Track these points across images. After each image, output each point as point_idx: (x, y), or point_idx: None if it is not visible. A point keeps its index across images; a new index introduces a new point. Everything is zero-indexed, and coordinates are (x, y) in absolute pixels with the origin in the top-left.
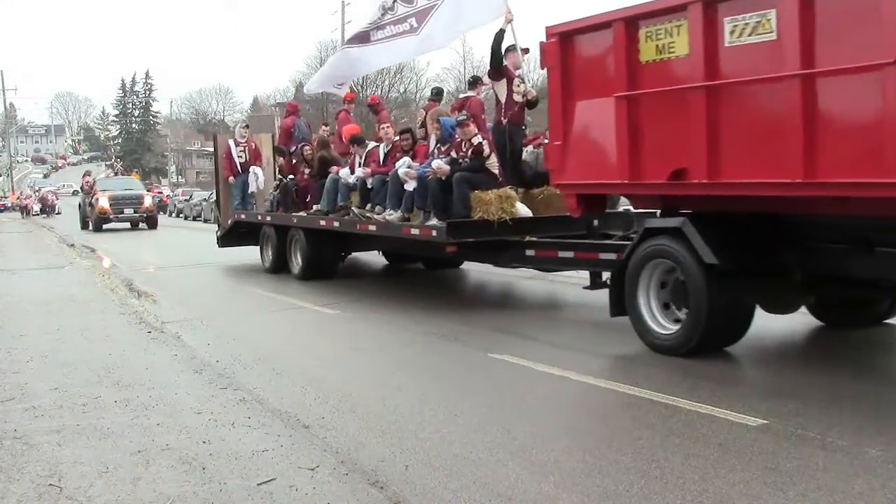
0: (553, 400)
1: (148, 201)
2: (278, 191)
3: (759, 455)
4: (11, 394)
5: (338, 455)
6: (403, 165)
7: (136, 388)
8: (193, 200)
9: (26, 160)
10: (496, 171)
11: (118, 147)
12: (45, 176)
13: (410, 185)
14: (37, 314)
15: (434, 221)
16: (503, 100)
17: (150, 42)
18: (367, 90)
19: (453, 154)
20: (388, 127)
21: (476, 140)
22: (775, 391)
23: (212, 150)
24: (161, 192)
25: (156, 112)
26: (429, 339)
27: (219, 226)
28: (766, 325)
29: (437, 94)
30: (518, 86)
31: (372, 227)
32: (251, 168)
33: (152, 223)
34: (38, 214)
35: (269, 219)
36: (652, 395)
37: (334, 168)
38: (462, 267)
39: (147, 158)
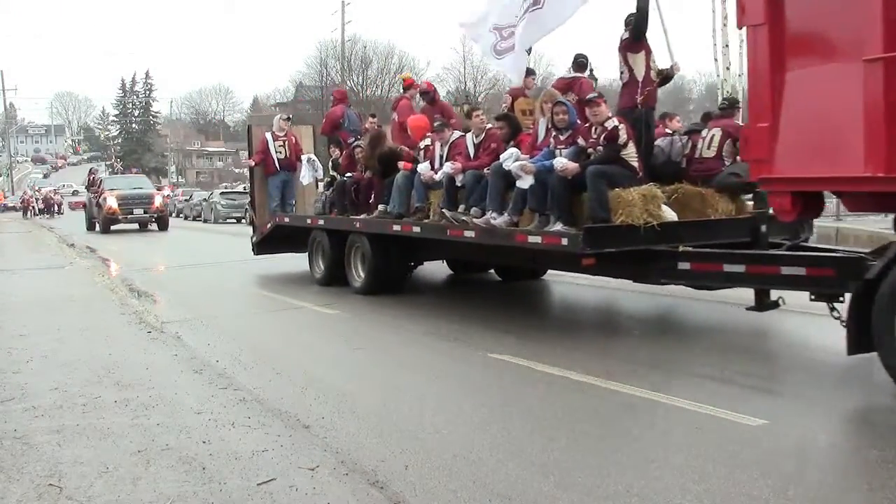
0: (553, 400)
1: (158, 201)
2: (332, 190)
3: (759, 455)
4: (11, 394)
5: (338, 455)
6: (511, 158)
7: (136, 388)
8: (193, 200)
9: (26, 160)
10: (634, 163)
11: (118, 147)
12: (45, 176)
13: (525, 182)
14: (37, 314)
15: (559, 227)
16: (640, 77)
17: (151, 42)
18: (366, 90)
19: (580, 142)
20: (481, 113)
21: (610, 124)
22: (775, 391)
23: (212, 150)
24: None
25: (156, 112)
26: (429, 339)
27: (254, 230)
28: (766, 325)
29: (528, 74)
30: (653, 60)
31: (469, 234)
32: (305, 155)
33: (163, 224)
34: (39, 214)
35: (321, 223)
36: (652, 395)
37: (403, 164)
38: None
39: (147, 158)
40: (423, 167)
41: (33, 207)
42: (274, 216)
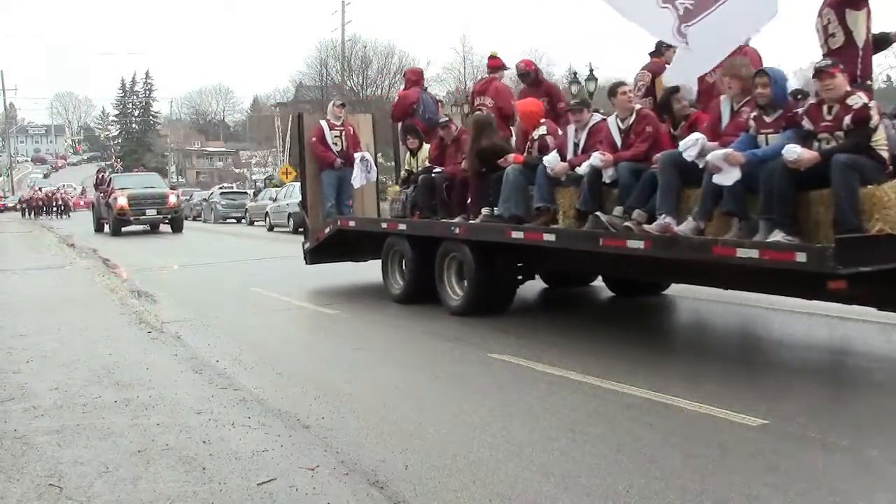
0: (553, 400)
1: (173, 200)
2: (412, 188)
3: (759, 455)
4: (11, 394)
5: (338, 455)
6: (695, 146)
7: (136, 388)
8: (193, 200)
9: (26, 160)
10: (884, 153)
11: (118, 147)
12: (46, 176)
13: (730, 178)
14: (37, 314)
15: (779, 236)
16: (860, 41)
17: (151, 42)
18: (366, 90)
19: (805, 124)
20: (628, 90)
21: (856, 101)
22: (775, 391)
23: (212, 150)
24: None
25: (156, 112)
26: (429, 339)
27: (305, 235)
28: (766, 325)
29: (669, 46)
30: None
31: (635, 244)
32: (359, 154)
33: (178, 225)
34: (42, 214)
35: (402, 227)
36: (652, 395)
37: (514, 156)
38: None
39: (147, 158)
40: (551, 159)
41: (37, 207)
42: (334, 219)
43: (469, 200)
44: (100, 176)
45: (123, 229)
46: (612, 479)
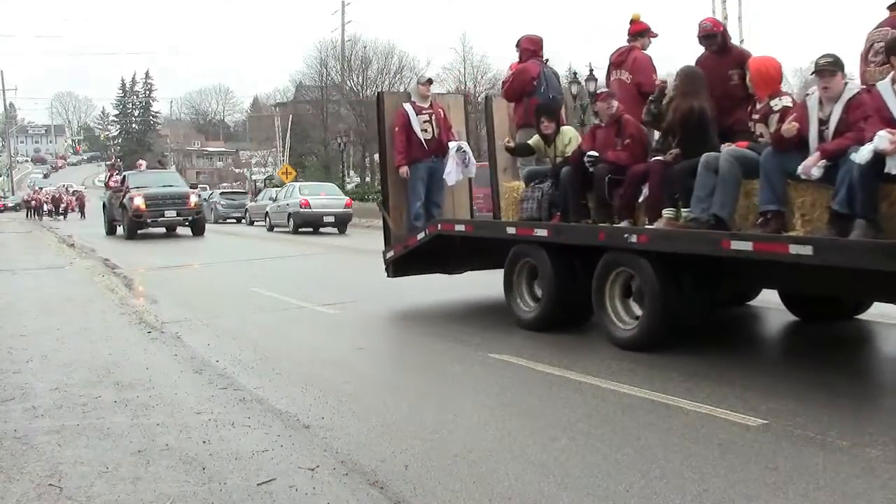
0: (553, 400)
1: (194, 200)
2: (550, 183)
3: (759, 455)
4: (11, 394)
5: (338, 455)
6: None
7: (136, 388)
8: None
9: (26, 160)
10: None
11: (118, 147)
12: (46, 176)
13: None
14: (37, 314)
15: None
16: None
17: (151, 42)
18: (366, 89)
19: None
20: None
21: None
22: (775, 391)
23: (212, 150)
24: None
25: (156, 112)
26: (429, 339)
27: (386, 241)
28: (765, 324)
29: None
30: None
31: None
32: (454, 143)
33: (199, 228)
34: (48, 215)
35: (541, 233)
36: (652, 395)
37: (738, 143)
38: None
39: (147, 158)
40: (864, 154)
41: (42, 207)
42: (433, 223)
43: (643, 197)
44: (112, 173)
45: (139, 232)
46: (612, 479)
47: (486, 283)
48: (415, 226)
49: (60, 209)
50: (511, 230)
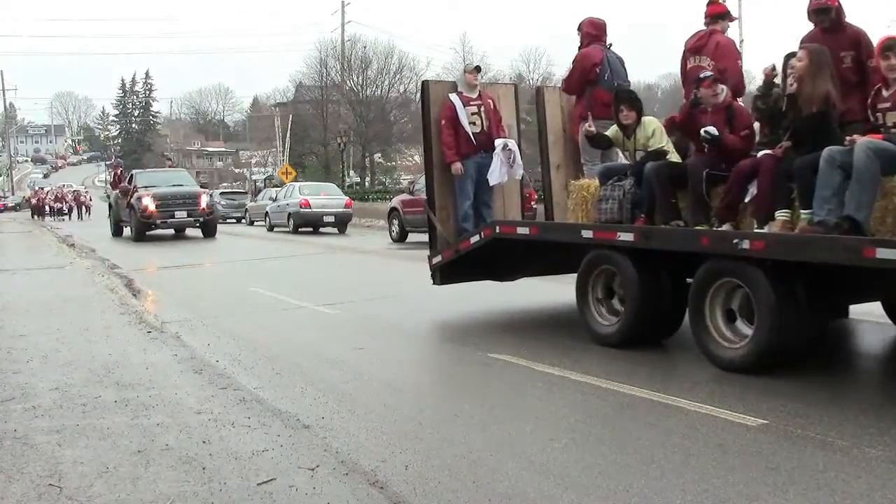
0: (553, 400)
1: (205, 201)
2: (631, 181)
3: (759, 455)
4: (11, 394)
5: (338, 455)
6: None
7: (136, 388)
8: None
9: (26, 160)
10: None
11: (118, 147)
12: (45, 176)
13: None
14: (37, 314)
15: None
16: None
17: (151, 42)
18: (366, 89)
19: None
20: None
21: None
22: (775, 391)
23: (212, 150)
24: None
25: (156, 112)
26: (429, 339)
27: (432, 245)
28: None
29: None
30: None
31: None
32: (500, 140)
33: (210, 229)
34: (49, 215)
35: (627, 237)
36: (652, 395)
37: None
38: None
39: (147, 158)
40: None
41: (45, 208)
42: (490, 225)
43: (749, 197)
44: (118, 172)
45: (148, 233)
46: (612, 479)
47: (486, 283)
48: (463, 228)
49: (65, 209)
50: (587, 234)
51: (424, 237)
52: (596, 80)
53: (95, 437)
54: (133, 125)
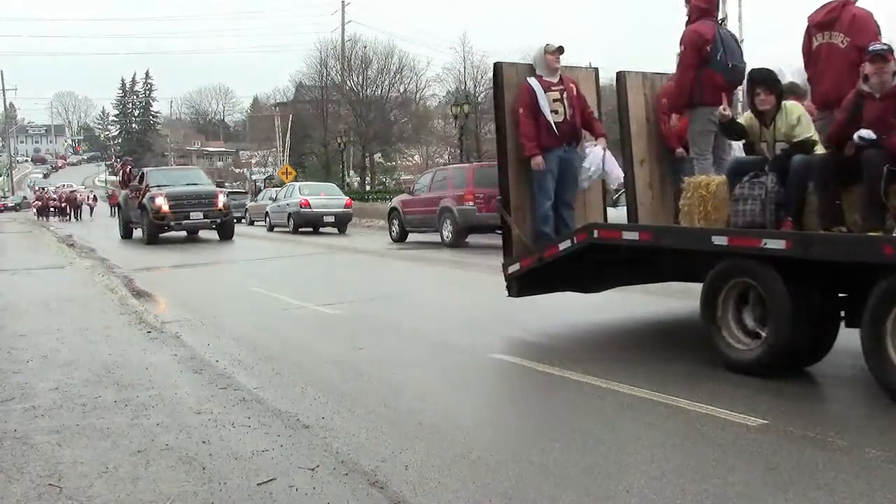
0: (553, 400)
1: (222, 200)
2: (774, 177)
3: (759, 455)
4: (11, 394)
5: (338, 455)
6: None
7: (136, 388)
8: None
9: (26, 160)
10: None
11: (118, 147)
12: (45, 176)
13: None
14: (37, 314)
15: None
16: None
17: (151, 42)
18: (366, 89)
19: None
20: None
21: None
22: (775, 391)
23: (212, 149)
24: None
25: (156, 112)
26: (429, 339)
27: (507, 252)
28: None
29: None
30: None
31: None
32: (591, 145)
33: (227, 231)
34: (55, 215)
35: (776, 244)
36: (652, 395)
37: None
38: (461, 266)
39: (147, 158)
40: None
41: (49, 208)
42: (587, 228)
43: None
44: (127, 170)
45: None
46: (612, 479)
47: (486, 283)
48: (542, 232)
49: (68, 209)
50: (720, 240)
51: (424, 237)
52: (708, 59)
53: (95, 437)
54: (133, 125)
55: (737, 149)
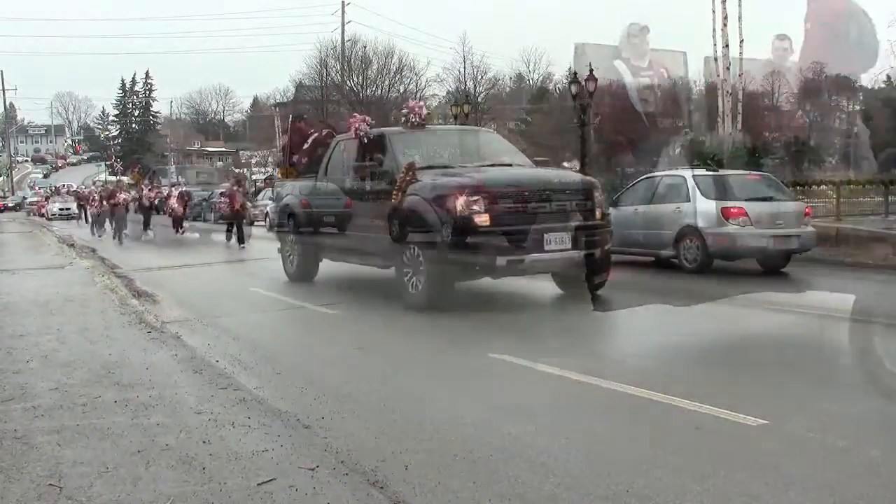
0: (553, 400)
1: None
2: None
3: (759, 455)
4: (11, 394)
5: (338, 455)
6: None
7: (136, 388)
8: (193, 200)
9: (26, 160)
10: None
11: (118, 147)
12: (45, 176)
13: None
14: (37, 314)
15: None
16: None
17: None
18: (366, 89)
19: None
20: None
21: None
22: (775, 391)
23: (212, 149)
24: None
25: (156, 112)
26: (429, 339)
27: None
28: (765, 324)
29: None
30: None
31: None
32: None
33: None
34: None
35: None
36: (652, 395)
37: None
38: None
39: (147, 158)
40: None
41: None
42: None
43: None
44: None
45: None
46: (612, 479)
47: (485, 283)
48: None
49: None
50: None
51: None
52: None
53: (95, 437)
54: (133, 125)
55: None
